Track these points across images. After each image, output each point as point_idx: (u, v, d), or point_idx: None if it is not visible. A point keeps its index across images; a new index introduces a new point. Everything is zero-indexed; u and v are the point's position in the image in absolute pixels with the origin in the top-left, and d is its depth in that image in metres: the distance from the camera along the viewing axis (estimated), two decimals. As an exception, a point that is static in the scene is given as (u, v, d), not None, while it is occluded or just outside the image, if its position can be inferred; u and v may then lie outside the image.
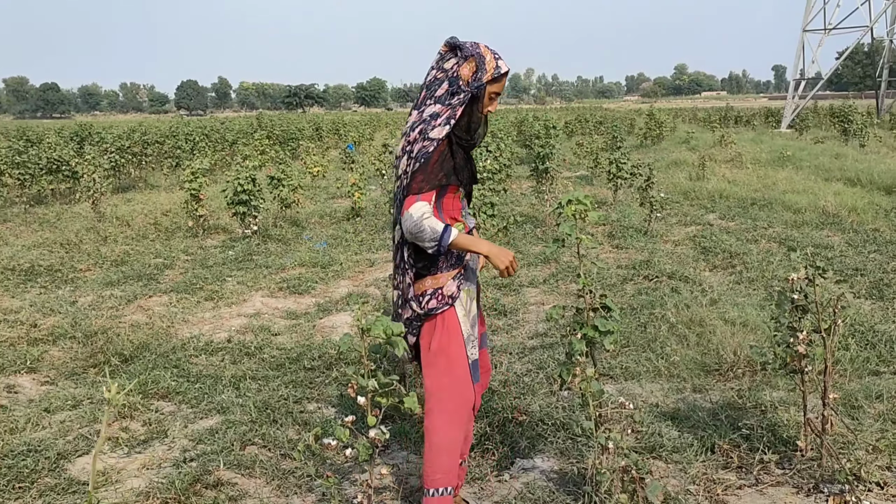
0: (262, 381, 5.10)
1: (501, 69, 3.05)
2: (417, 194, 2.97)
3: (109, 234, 10.38)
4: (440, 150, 3.03)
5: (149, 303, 7.17)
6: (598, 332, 3.09)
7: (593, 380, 2.92)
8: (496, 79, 3.06)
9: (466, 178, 3.19)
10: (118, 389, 2.05)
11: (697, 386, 4.82)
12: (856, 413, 4.35)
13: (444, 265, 3.13)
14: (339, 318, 6.58)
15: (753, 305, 6.27)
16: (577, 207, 2.98)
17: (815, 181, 13.57)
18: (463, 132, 3.12)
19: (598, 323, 3.07)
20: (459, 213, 3.20)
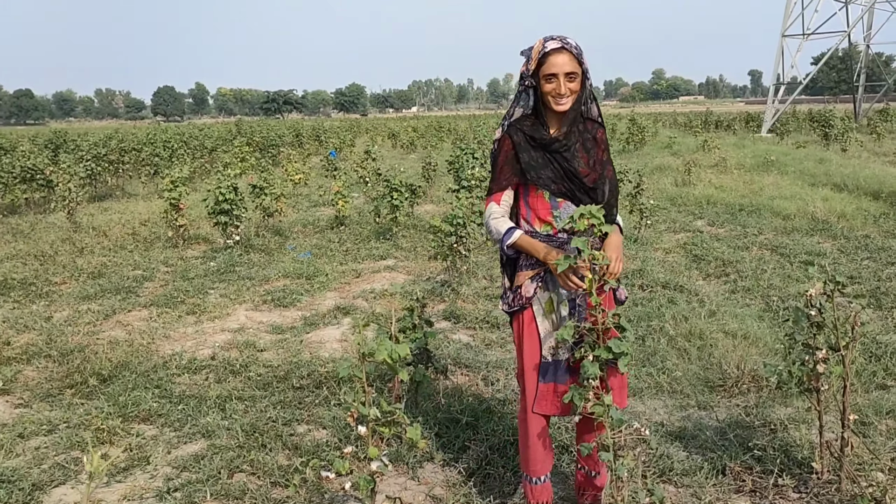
0: (249, 401, 4.87)
1: (547, 48, 2.98)
2: (490, 195, 3.21)
3: (86, 245, 10.10)
4: (504, 150, 3.17)
5: (128, 317, 6.92)
6: (611, 353, 2.90)
7: (612, 407, 2.73)
8: (541, 60, 3.01)
9: (549, 177, 3.10)
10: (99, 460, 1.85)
11: (702, 402, 4.66)
12: (866, 430, 4.20)
13: (525, 264, 3.17)
14: (328, 332, 6.36)
15: (753, 317, 6.13)
16: (591, 221, 2.79)
17: (802, 186, 13.51)
18: (537, 132, 3.12)
19: (612, 344, 2.89)
20: (548, 213, 3.13)
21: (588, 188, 3.08)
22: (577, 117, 3.10)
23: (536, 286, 3.15)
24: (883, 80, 44.93)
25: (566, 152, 3.08)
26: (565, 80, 2.99)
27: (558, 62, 2.98)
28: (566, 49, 2.98)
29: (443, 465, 3.93)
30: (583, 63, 3.02)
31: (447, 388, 4.86)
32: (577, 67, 3.01)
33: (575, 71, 3.00)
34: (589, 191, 3.08)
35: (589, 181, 3.08)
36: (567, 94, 3.01)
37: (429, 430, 4.21)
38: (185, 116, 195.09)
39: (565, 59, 2.98)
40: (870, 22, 41.31)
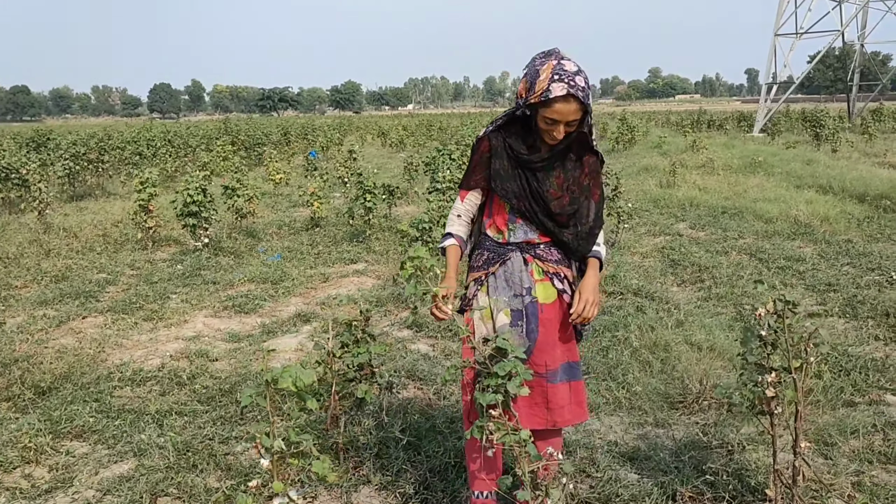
0: (189, 416, 4.67)
1: (552, 93, 2.67)
2: (460, 188, 3.10)
3: (53, 247, 9.87)
4: (480, 151, 3.01)
5: (82, 324, 6.71)
6: (499, 378, 2.70)
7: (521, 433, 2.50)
8: (545, 102, 2.70)
9: (513, 191, 2.93)
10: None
11: (660, 420, 4.46)
12: (829, 451, 4.01)
13: (475, 265, 3.10)
14: (285, 340, 6.15)
15: (722, 326, 5.93)
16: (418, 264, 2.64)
17: (787, 188, 13.32)
18: (518, 144, 2.93)
19: (497, 369, 2.68)
20: (504, 224, 3.01)
21: (552, 213, 2.92)
22: (567, 142, 2.89)
23: (477, 289, 3.04)
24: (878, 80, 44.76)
25: (539, 172, 2.92)
26: (566, 126, 2.78)
27: (563, 111, 2.72)
28: (574, 98, 2.69)
29: (379, 489, 3.73)
30: (588, 107, 2.77)
31: (396, 404, 4.66)
32: (581, 113, 2.76)
33: (578, 118, 2.77)
34: (553, 215, 2.93)
35: (555, 206, 2.90)
36: (562, 137, 2.82)
37: (368, 451, 4.01)
38: (182, 114, 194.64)
39: (571, 109, 2.72)
40: (864, 21, 41.11)
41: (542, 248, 3.00)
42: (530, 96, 2.74)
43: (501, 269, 2.99)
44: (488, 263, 3.02)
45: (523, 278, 2.96)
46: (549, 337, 2.98)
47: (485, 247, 3.06)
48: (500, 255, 3.00)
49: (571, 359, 3.03)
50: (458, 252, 3.07)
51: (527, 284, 2.96)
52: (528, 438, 2.46)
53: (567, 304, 3.00)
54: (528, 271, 2.97)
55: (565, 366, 3.03)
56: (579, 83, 2.67)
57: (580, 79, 2.68)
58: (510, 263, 2.98)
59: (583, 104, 2.71)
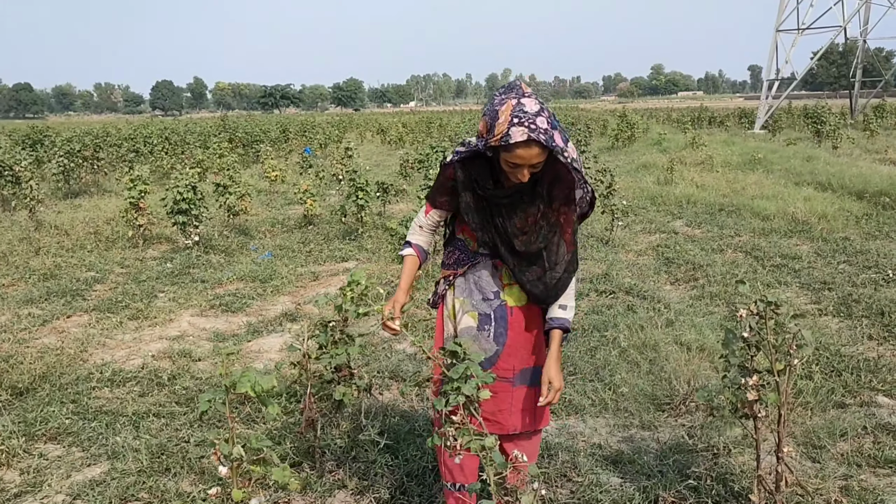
0: (167, 418, 4.58)
1: (511, 137, 2.49)
2: (426, 200, 3.00)
3: (43, 245, 9.78)
4: (446, 176, 2.87)
5: (66, 323, 6.63)
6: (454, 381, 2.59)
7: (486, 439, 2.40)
8: (506, 147, 2.54)
9: (477, 222, 2.82)
10: None
11: (646, 422, 4.37)
12: (818, 454, 3.92)
13: (446, 262, 3.01)
14: (269, 340, 6.07)
15: (713, 326, 5.83)
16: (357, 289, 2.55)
17: (786, 185, 13.21)
18: (483, 178, 2.77)
19: (451, 373, 2.58)
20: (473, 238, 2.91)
21: (515, 251, 2.78)
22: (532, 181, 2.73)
23: (446, 288, 2.98)
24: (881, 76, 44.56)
25: (505, 207, 2.77)
26: (529, 168, 2.61)
27: (524, 156, 2.54)
28: (535, 143, 2.51)
29: (355, 494, 3.64)
30: (554, 150, 2.58)
31: (376, 406, 4.58)
32: (545, 154, 2.58)
33: (542, 160, 2.59)
34: (516, 253, 2.79)
35: (520, 243, 2.76)
36: (528, 178, 2.65)
37: (345, 454, 3.92)
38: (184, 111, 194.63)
39: (533, 153, 2.53)
40: (866, 16, 40.92)
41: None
42: (490, 138, 2.58)
43: (470, 273, 2.90)
44: (458, 264, 2.93)
45: (492, 282, 2.87)
46: (519, 340, 2.88)
47: (456, 246, 2.97)
48: (469, 258, 2.91)
49: (540, 363, 2.92)
50: (416, 262, 2.97)
51: (495, 288, 2.87)
52: (492, 445, 2.36)
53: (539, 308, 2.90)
54: (498, 276, 2.88)
55: (533, 370, 2.93)
56: (540, 125, 2.49)
57: (541, 120, 2.50)
58: (479, 267, 2.89)
59: (546, 146, 2.53)
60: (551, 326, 2.86)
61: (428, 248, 3.03)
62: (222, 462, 2.48)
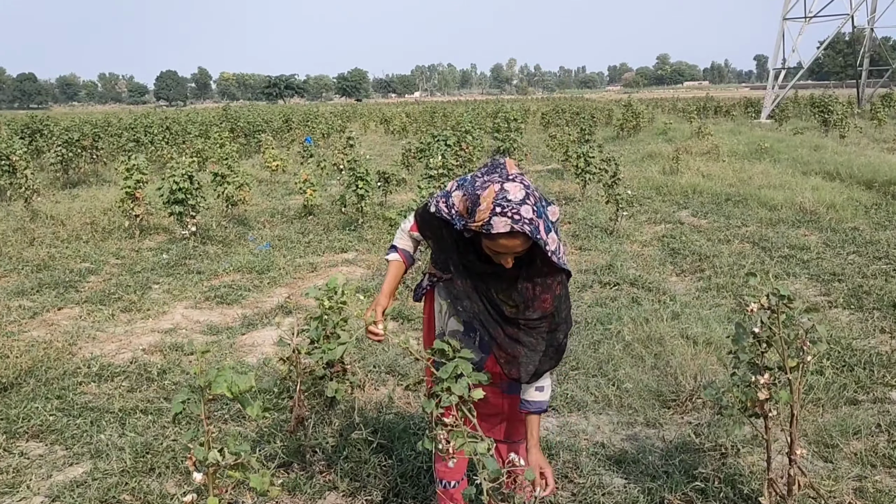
0: (154, 414, 4.43)
1: (493, 227, 2.30)
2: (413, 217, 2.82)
3: (38, 236, 9.63)
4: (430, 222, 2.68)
5: (57, 316, 6.48)
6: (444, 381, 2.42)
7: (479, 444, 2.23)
8: (488, 235, 2.36)
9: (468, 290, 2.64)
10: None
11: (651, 419, 4.20)
12: (830, 453, 3.75)
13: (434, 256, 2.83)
14: (264, 333, 5.90)
15: (720, 319, 5.66)
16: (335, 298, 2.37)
17: (793, 175, 12.99)
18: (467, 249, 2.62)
19: (441, 372, 2.41)
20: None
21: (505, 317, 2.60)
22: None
23: (430, 284, 2.85)
24: (888, 65, 44.16)
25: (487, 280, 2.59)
26: (512, 257, 2.45)
27: (508, 246, 2.37)
28: (519, 233, 2.32)
29: (346, 496, 3.48)
30: (538, 241, 2.37)
31: (371, 403, 4.42)
32: (528, 243, 2.39)
33: (525, 248, 2.41)
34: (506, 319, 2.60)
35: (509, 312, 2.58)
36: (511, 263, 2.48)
37: (337, 454, 3.76)
38: (188, 101, 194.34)
39: (517, 243, 2.36)
40: (874, 5, 40.55)
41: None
42: (470, 222, 2.39)
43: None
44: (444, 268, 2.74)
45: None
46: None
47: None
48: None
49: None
50: (401, 267, 2.84)
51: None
52: (486, 451, 2.19)
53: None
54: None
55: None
56: (525, 215, 2.30)
57: (526, 209, 2.31)
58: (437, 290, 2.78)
59: (530, 237, 2.34)
60: (529, 411, 2.68)
61: (415, 253, 2.88)
62: (198, 468, 2.32)
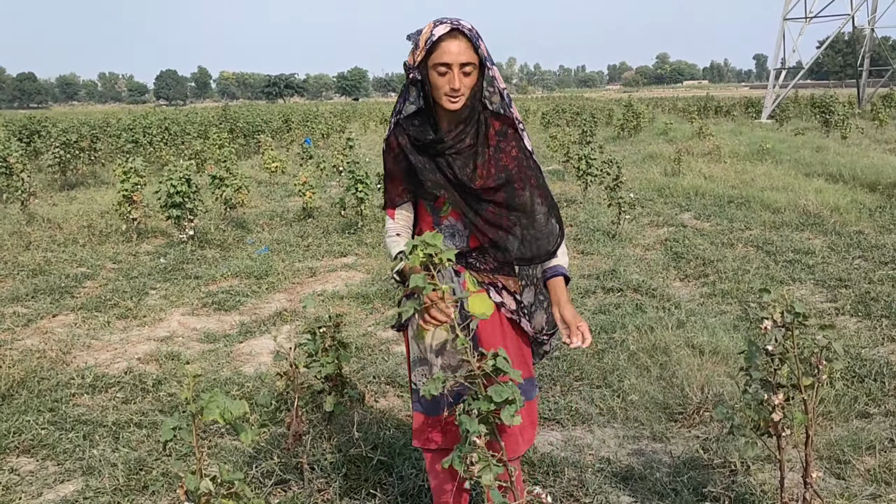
0: (149, 428, 4.32)
1: (435, 35, 2.40)
2: (385, 207, 2.76)
3: (35, 239, 9.53)
4: (392, 155, 2.67)
5: (51, 323, 6.37)
6: (493, 403, 2.31)
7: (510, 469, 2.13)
8: (431, 48, 2.41)
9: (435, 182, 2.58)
10: None
11: (657, 433, 4.10)
12: (842, 470, 3.64)
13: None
14: (261, 342, 5.80)
15: (726, 327, 5.56)
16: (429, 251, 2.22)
17: (796, 177, 12.89)
18: (423, 133, 2.56)
19: (492, 392, 2.30)
20: (430, 226, 2.68)
21: (477, 194, 2.56)
22: (474, 115, 2.55)
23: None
24: (889, 65, 44.08)
25: (453, 154, 2.55)
26: (459, 72, 2.44)
27: (452, 50, 2.41)
28: (461, 33, 2.42)
29: (345, 516, 3.38)
30: (479, 50, 2.46)
31: (371, 416, 4.32)
32: (474, 56, 2.45)
33: (471, 61, 2.45)
34: (478, 196, 2.56)
35: (479, 185, 2.55)
36: (461, 90, 2.46)
37: (336, 471, 3.66)
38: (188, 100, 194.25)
39: (461, 47, 2.42)
40: (874, 5, 40.45)
41: (475, 256, 2.66)
42: (417, 55, 2.46)
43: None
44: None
45: (455, 291, 2.61)
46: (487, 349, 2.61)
47: None
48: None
49: (524, 376, 2.60)
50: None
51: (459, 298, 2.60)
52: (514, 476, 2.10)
53: (508, 320, 2.67)
54: (461, 283, 2.63)
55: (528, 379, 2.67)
56: (465, 24, 2.44)
57: (466, 22, 2.45)
58: (440, 276, 2.59)
59: (473, 44, 2.43)
60: (548, 276, 2.64)
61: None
62: (189, 498, 2.22)
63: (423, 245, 2.19)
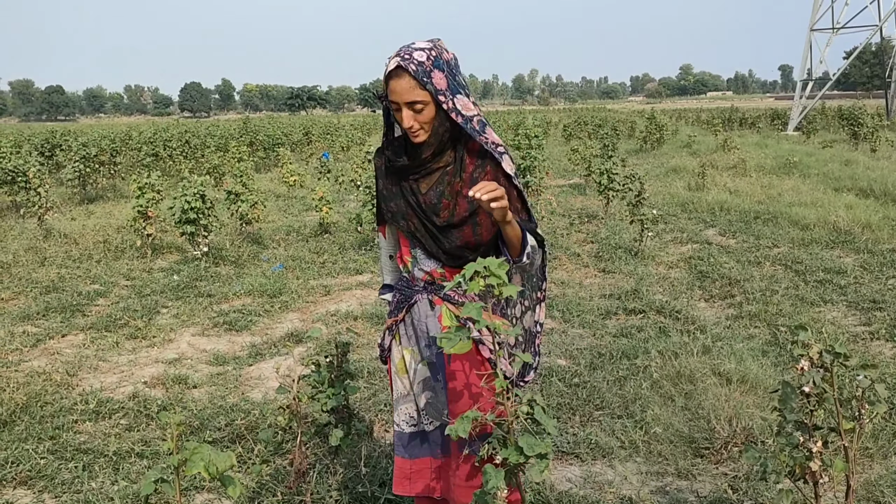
0: (151, 458, 4.15)
1: (386, 69, 2.28)
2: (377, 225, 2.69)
3: (50, 255, 9.45)
4: (375, 171, 2.61)
5: (60, 343, 6.24)
6: (522, 454, 2.11)
7: None
8: (386, 83, 2.30)
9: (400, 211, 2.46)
10: None
11: (683, 470, 3.87)
12: (882, 512, 3.40)
13: (390, 308, 2.66)
14: (270, 365, 5.63)
15: (754, 352, 5.31)
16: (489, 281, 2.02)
17: (825, 192, 12.58)
18: (395, 154, 2.48)
19: (523, 443, 2.10)
20: (408, 254, 2.53)
21: (438, 227, 2.40)
22: (441, 145, 2.39)
23: (391, 339, 2.62)
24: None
25: (419, 178, 2.43)
26: (408, 110, 2.29)
27: (395, 90, 2.28)
28: (406, 71, 2.25)
29: (350, 560, 3.19)
30: (428, 87, 2.26)
31: (380, 449, 4.12)
32: (422, 93, 2.27)
33: (418, 98, 2.27)
34: (440, 231, 2.40)
35: (441, 218, 2.39)
36: (416, 127, 2.31)
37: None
38: (212, 112, 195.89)
39: (404, 86, 2.26)
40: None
41: (453, 288, 2.44)
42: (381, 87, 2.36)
43: (409, 316, 2.53)
44: (398, 308, 2.56)
45: (429, 325, 2.47)
46: (457, 393, 2.43)
47: (398, 286, 2.60)
48: (406, 297, 2.53)
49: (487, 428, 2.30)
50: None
51: (433, 333, 2.46)
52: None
53: (487, 360, 2.44)
54: (437, 316, 2.46)
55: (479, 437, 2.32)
56: (416, 57, 2.25)
57: (420, 54, 2.26)
58: (417, 308, 2.50)
59: (418, 82, 2.24)
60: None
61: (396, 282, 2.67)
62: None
63: (486, 272, 2.01)
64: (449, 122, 2.35)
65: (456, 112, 2.32)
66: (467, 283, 2.05)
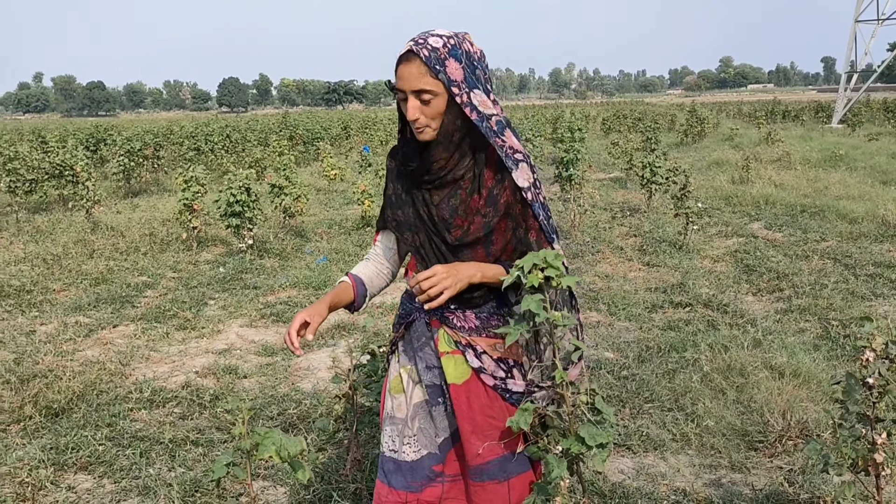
0: (205, 446, 4.22)
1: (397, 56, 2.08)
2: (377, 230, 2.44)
3: (98, 247, 9.62)
4: (386, 172, 2.36)
5: (112, 334, 6.36)
6: (584, 444, 2.11)
7: None
8: (397, 69, 2.09)
9: (406, 222, 2.24)
10: None
11: (737, 463, 3.84)
12: (943, 510, 3.35)
13: (396, 323, 2.41)
14: (320, 356, 5.69)
15: (806, 346, 5.25)
16: (547, 274, 2.01)
17: (872, 185, 12.36)
18: (410, 156, 2.22)
19: (583, 432, 2.10)
20: (415, 270, 2.30)
21: (451, 246, 2.18)
22: (451, 147, 2.12)
23: (390, 355, 2.43)
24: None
25: (433, 191, 2.20)
26: (415, 100, 2.06)
27: (403, 75, 2.06)
28: (416, 56, 2.03)
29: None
30: (440, 75, 2.04)
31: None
32: (432, 82, 2.04)
33: (427, 88, 2.04)
34: (450, 250, 2.19)
35: (453, 236, 2.17)
36: (422, 121, 2.08)
37: None
38: (249, 107, 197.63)
39: (413, 72, 2.04)
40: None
41: (453, 311, 2.21)
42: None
43: (409, 334, 2.33)
44: (399, 324, 2.37)
45: (427, 349, 2.28)
46: (465, 426, 2.23)
47: (403, 299, 2.39)
48: (406, 313, 2.33)
49: (508, 449, 2.24)
50: (348, 287, 2.32)
51: (432, 356, 2.27)
52: None
53: (488, 386, 2.22)
54: (434, 339, 2.25)
55: (498, 461, 2.24)
56: (431, 43, 2.04)
57: (436, 39, 2.05)
58: (415, 327, 2.30)
59: (430, 69, 2.02)
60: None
61: (369, 282, 2.38)
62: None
63: (543, 264, 1.99)
64: (462, 120, 2.09)
65: (471, 108, 2.07)
66: (525, 275, 2.04)
